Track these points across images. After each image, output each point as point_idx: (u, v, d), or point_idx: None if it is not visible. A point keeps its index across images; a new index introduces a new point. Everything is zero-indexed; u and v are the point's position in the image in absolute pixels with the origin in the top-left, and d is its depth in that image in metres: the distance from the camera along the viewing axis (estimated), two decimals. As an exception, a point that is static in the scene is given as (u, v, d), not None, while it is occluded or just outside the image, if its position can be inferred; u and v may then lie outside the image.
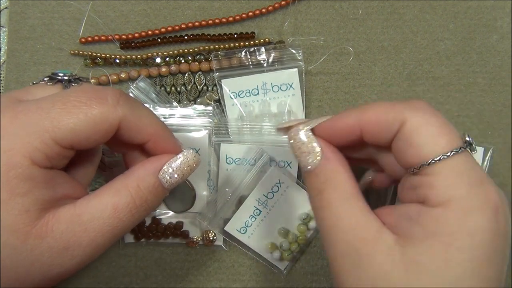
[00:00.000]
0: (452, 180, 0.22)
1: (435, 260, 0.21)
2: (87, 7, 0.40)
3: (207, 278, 0.40)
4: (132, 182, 0.26)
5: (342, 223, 0.24)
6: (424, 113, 0.23)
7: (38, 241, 0.23)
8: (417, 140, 0.23)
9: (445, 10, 0.42)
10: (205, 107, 0.39)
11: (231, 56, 0.40)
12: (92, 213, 0.24)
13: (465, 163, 0.22)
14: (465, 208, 0.21)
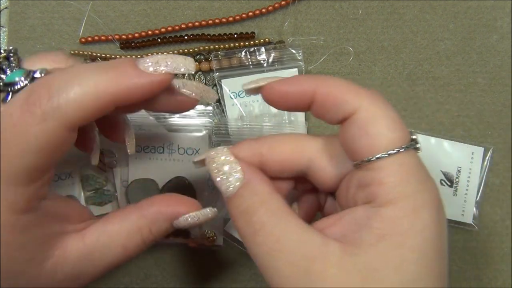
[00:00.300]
0: (400, 177, 0.21)
1: (390, 263, 0.20)
2: (87, 7, 0.40)
3: (207, 278, 0.40)
4: (145, 226, 0.25)
5: (282, 244, 0.21)
6: (382, 104, 0.22)
7: (49, 280, 0.23)
8: (373, 130, 0.22)
9: (445, 10, 0.42)
10: (205, 107, 0.39)
11: (231, 56, 0.40)
12: (102, 252, 0.24)
13: (414, 160, 0.22)
14: (414, 206, 0.21)
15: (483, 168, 0.41)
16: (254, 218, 0.22)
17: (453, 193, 0.40)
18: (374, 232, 0.21)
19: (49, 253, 0.23)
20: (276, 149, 0.25)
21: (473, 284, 0.41)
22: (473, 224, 0.40)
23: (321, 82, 0.23)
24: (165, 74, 0.22)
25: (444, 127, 0.41)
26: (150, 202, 0.26)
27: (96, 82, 0.21)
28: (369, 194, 0.22)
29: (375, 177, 0.22)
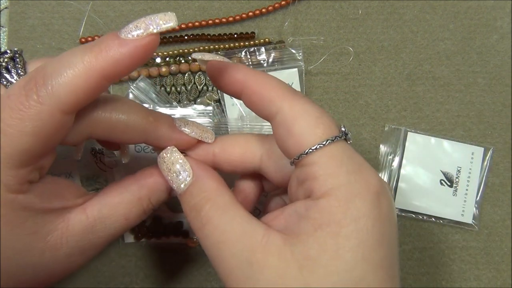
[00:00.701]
0: (332, 169, 0.22)
1: (326, 252, 0.21)
2: (87, 7, 0.40)
3: (207, 278, 0.40)
4: (144, 196, 0.26)
5: (227, 236, 0.22)
6: (303, 103, 0.23)
7: (55, 253, 0.23)
8: (296, 129, 0.23)
9: (445, 10, 0.42)
10: (205, 107, 0.39)
11: (231, 56, 0.40)
12: (105, 224, 0.25)
13: (343, 151, 0.22)
14: (347, 196, 0.21)
15: (483, 168, 0.41)
16: (202, 213, 0.24)
17: (453, 193, 0.40)
18: (311, 222, 0.21)
19: (52, 227, 0.23)
20: (227, 149, 0.27)
21: (473, 284, 0.41)
22: (473, 224, 0.40)
23: (250, 77, 0.24)
24: (147, 36, 0.22)
25: (444, 127, 0.41)
26: (149, 173, 0.27)
27: (83, 62, 0.21)
28: (307, 189, 0.23)
29: (309, 172, 0.22)
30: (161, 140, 0.26)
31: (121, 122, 0.24)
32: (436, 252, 0.41)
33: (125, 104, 0.25)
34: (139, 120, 0.25)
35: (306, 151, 0.22)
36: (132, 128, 0.25)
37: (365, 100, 0.41)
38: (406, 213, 0.40)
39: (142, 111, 0.25)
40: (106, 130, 0.24)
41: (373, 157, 0.41)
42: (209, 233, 0.23)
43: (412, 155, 0.41)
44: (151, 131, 0.25)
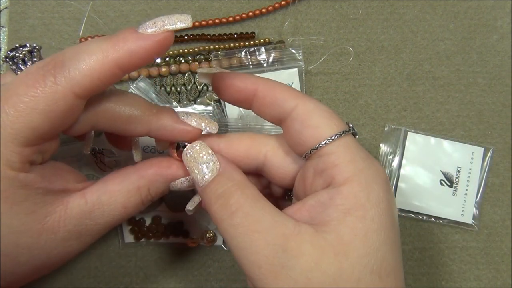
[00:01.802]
0: (350, 156, 0.24)
1: (357, 236, 0.22)
2: (87, 7, 0.40)
3: (207, 278, 0.40)
4: (143, 186, 0.26)
5: (260, 224, 0.23)
6: (315, 101, 0.25)
7: (52, 236, 0.24)
8: (313, 122, 0.24)
9: (445, 10, 0.42)
10: (205, 107, 0.39)
11: (231, 56, 0.40)
12: (103, 211, 0.25)
13: (355, 142, 0.25)
14: (367, 180, 0.23)
15: (483, 168, 0.41)
16: (231, 200, 0.23)
17: (453, 193, 0.40)
18: (339, 208, 0.23)
19: (50, 209, 0.24)
20: (233, 145, 0.28)
21: (473, 284, 0.41)
22: (473, 224, 0.40)
23: (263, 81, 0.26)
24: (162, 32, 0.23)
25: (444, 127, 0.41)
26: (149, 164, 0.27)
27: (101, 50, 0.22)
28: (327, 177, 0.24)
29: (328, 161, 0.24)
30: (164, 131, 0.26)
31: (124, 112, 0.25)
32: (436, 252, 0.41)
33: (129, 96, 0.26)
34: (142, 111, 0.26)
35: (325, 141, 0.24)
36: (135, 119, 0.25)
37: (365, 100, 0.41)
38: (406, 213, 0.40)
39: (145, 103, 0.26)
40: (110, 121, 0.25)
41: (373, 157, 0.41)
42: (240, 221, 0.23)
43: (412, 155, 0.41)
44: (154, 122, 0.26)
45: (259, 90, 0.26)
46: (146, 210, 0.39)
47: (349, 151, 0.24)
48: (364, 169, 0.23)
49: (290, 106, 0.25)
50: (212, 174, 0.25)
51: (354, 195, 0.23)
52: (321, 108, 0.25)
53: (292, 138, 0.25)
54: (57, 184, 0.25)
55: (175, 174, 0.27)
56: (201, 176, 0.25)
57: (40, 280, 0.39)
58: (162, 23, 0.23)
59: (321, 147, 0.24)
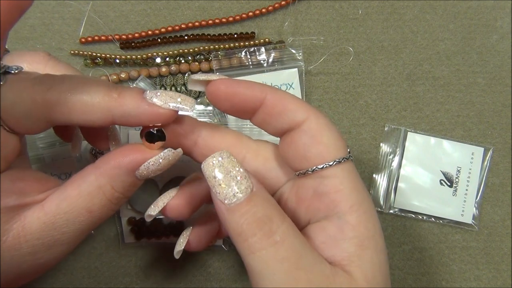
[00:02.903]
0: (353, 183, 0.23)
1: (375, 269, 0.22)
2: (87, 7, 0.40)
3: (207, 278, 0.40)
4: (106, 184, 0.23)
5: (304, 261, 0.21)
6: (326, 117, 0.24)
7: (15, 252, 0.22)
8: (324, 139, 0.23)
9: (445, 10, 0.42)
10: (205, 107, 0.39)
11: (231, 56, 0.40)
12: (66, 219, 0.23)
13: (354, 168, 0.24)
14: (369, 209, 0.23)
15: (483, 168, 0.41)
16: (273, 227, 0.21)
17: (453, 193, 0.40)
18: (354, 242, 0.22)
19: (6, 227, 0.22)
20: (215, 138, 0.26)
21: (473, 284, 0.41)
22: (473, 224, 0.40)
23: (271, 89, 0.24)
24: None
25: (444, 127, 0.41)
26: (106, 159, 0.24)
27: None
28: (329, 202, 0.23)
29: (331, 184, 0.23)
30: (129, 118, 0.23)
31: (79, 102, 0.22)
32: (436, 252, 0.41)
33: (83, 81, 0.23)
34: (99, 98, 0.22)
35: (333, 162, 0.23)
36: (92, 108, 0.22)
37: (365, 100, 0.41)
38: (406, 213, 0.40)
39: (102, 87, 0.23)
40: (65, 113, 0.22)
41: (373, 157, 0.41)
42: (286, 255, 0.20)
43: (412, 155, 0.41)
44: (115, 108, 0.23)
45: (268, 99, 0.24)
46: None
47: (352, 178, 0.23)
48: (365, 198, 0.23)
49: (301, 117, 0.24)
50: (246, 193, 0.21)
51: (364, 227, 0.22)
52: (332, 127, 0.24)
53: (296, 151, 0.24)
54: (12, 200, 0.23)
55: (136, 160, 0.23)
56: (232, 193, 0.21)
57: (40, 280, 0.39)
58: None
59: (327, 167, 0.23)
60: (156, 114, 0.23)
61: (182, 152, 0.25)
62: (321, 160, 0.23)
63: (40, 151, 0.37)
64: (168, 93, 0.23)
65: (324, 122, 0.24)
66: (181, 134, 0.25)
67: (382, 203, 0.40)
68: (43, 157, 0.37)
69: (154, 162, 0.23)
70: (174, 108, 0.23)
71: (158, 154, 0.24)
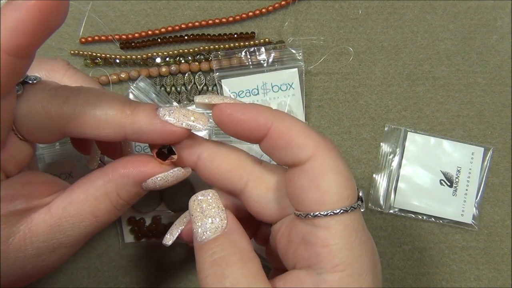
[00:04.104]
0: (346, 240, 0.21)
1: None
2: (87, 7, 0.40)
3: (207, 278, 0.40)
4: (112, 191, 0.24)
5: None
6: (335, 156, 0.22)
7: (21, 254, 0.22)
8: (323, 185, 0.21)
9: (445, 10, 0.42)
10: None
11: (231, 56, 0.40)
12: (72, 222, 0.23)
13: (358, 220, 0.22)
14: (360, 271, 0.21)
15: (483, 168, 0.41)
16: (227, 272, 0.21)
17: (453, 193, 0.40)
18: None
19: (14, 229, 0.22)
20: (215, 160, 0.25)
21: (473, 284, 0.41)
22: (473, 224, 0.40)
23: (278, 118, 0.22)
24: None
25: (444, 127, 0.41)
26: (115, 166, 0.24)
27: None
28: (313, 254, 0.21)
29: (320, 236, 0.21)
30: (142, 135, 0.23)
31: (93, 117, 0.22)
32: (436, 252, 0.41)
33: (98, 96, 0.23)
34: (113, 114, 0.22)
35: (327, 213, 0.21)
36: (105, 123, 0.23)
37: (365, 100, 0.41)
38: (406, 213, 0.40)
39: (117, 103, 0.23)
40: (79, 127, 0.23)
41: (373, 157, 0.41)
42: None
43: (412, 155, 0.41)
44: (128, 125, 0.23)
45: (273, 130, 0.22)
46: (146, 210, 0.39)
47: (348, 232, 0.21)
48: (360, 257, 0.21)
49: (305, 155, 0.22)
50: (215, 232, 0.22)
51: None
52: (340, 171, 0.21)
53: (294, 191, 0.22)
54: (20, 203, 0.23)
55: (145, 173, 0.24)
56: (202, 230, 0.22)
57: (40, 280, 0.39)
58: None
59: (319, 216, 0.21)
60: (169, 132, 0.23)
61: (191, 171, 0.25)
62: (316, 208, 0.21)
63: (40, 151, 0.37)
64: (181, 111, 0.23)
65: (331, 164, 0.21)
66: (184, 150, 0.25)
67: (382, 203, 0.40)
68: (43, 157, 0.37)
69: (162, 178, 0.24)
70: (187, 126, 0.23)
71: (168, 171, 0.24)
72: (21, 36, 0.19)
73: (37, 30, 0.19)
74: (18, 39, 0.19)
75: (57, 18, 0.20)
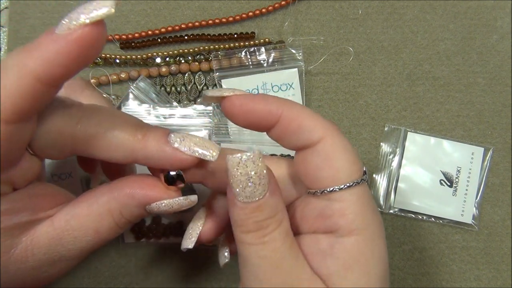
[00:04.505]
0: (360, 208, 0.23)
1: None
2: (87, 7, 0.40)
3: (207, 278, 0.40)
4: (115, 209, 0.24)
5: (282, 264, 0.22)
6: (342, 137, 0.24)
7: (22, 265, 0.22)
8: (336, 163, 0.23)
9: (445, 10, 0.42)
10: (205, 107, 0.39)
11: (231, 56, 0.40)
12: (74, 236, 0.23)
13: (367, 192, 0.24)
14: (373, 235, 0.23)
15: (483, 168, 0.41)
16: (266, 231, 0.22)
17: (453, 193, 0.40)
18: (339, 262, 0.22)
19: (16, 241, 0.22)
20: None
21: (473, 284, 0.41)
22: (473, 224, 0.40)
23: (288, 105, 0.24)
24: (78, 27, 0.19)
25: (444, 127, 0.41)
26: (123, 184, 0.24)
27: (16, 63, 0.20)
28: (331, 224, 0.23)
29: (337, 208, 0.23)
30: (152, 160, 0.23)
31: (105, 140, 0.23)
32: (436, 252, 0.41)
33: (111, 118, 0.23)
34: (124, 138, 0.23)
35: (342, 186, 0.23)
36: (117, 147, 0.23)
37: (365, 100, 0.41)
38: (406, 213, 0.40)
39: (129, 127, 0.23)
40: (89, 148, 0.23)
41: (373, 157, 0.41)
42: (269, 254, 0.22)
43: (412, 155, 0.41)
44: (139, 150, 0.23)
45: (284, 116, 0.23)
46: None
47: (361, 202, 0.23)
48: (371, 223, 0.23)
49: (316, 137, 0.23)
50: (259, 197, 0.22)
51: (357, 251, 0.22)
52: (348, 149, 0.23)
53: (307, 170, 0.24)
54: (25, 216, 0.23)
55: (151, 197, 0.24)
56: (246, 195, 0.22)
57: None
58: (76, 15, 0.19)
59: (335, 191, 0.23)
60: (179, 160, 0.23)
61: (197, 200, 0.25)
62: (331, 183, 0.23)
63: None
64: (192, 139, 0.24)
65: (340, 144, 0.23)
66: None
67: (382, 203, 0.40)
68: (43, 157, 0.37)
69: (167, 204, 0.24)
70: (199, 155, 0.23)
71: (173, 198, 0.24)
72: (57, 68, 0.19)
73: (74, 63, 0.19)
74: (53, 70, 0.19)
75: (95, 52, 0.20)
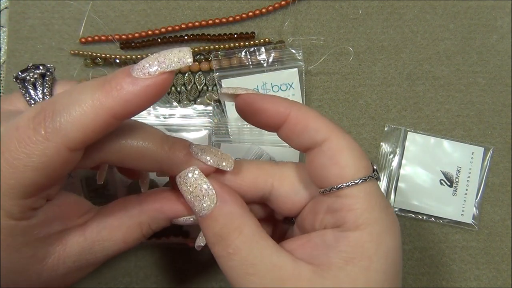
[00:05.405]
0: (368, 204, 0.23)
1: (357, 285, 0.22)
2: (87, 7, 0.40)
3: (207, 278, 0.40)
4: (145, 222, 0.26)
5: (256, 268, 0.22)
6: (347, 136, 0.24)
7: (52, 273, 0.24)
8: (341, 160, 0.23)
9: (445, 10, 0.42)
10: (205, 107, 0.39)
11: (231, 56, 0.40)
12: (103, 246, 0.25)
13: (376, 188, 0.24)
14: (379, 231, 0.23)
15: (483, 168, 0.41)
16: (228, 241, 0.23)
17: (453, 193, 0.40)
18: (341, 255, 0.22)
19: (50, 250, 0.24)
20: (239, 175, 0.26)
21: (473, 284, 0.41)
22: (473, 224, 0.40)
23: (295, 107, 0.25)
24: (159, 75, 0.21)
25: (444, 127, 0.41)
26: (153, 199, 0.26)
27: (93, 100, 0.21)
28: (339, 219, 0.23)
29: (344, 204, 0.23)
30: (176, 170, 0.25)
31: (135, 150, 0.24)
32: (436, 252, 0.41)
33: (141, 131, 0.24)
34: (153, 149, 0.24)
35: (348, 183, 0.23)
36: (146, 157, 0.24)
37: (365, 100, 0.41)
38: (406, 213, 0.40)
39: (157, 139, 0.25)
40: (120, 158, 0.24)
41: (373, 157, 0.41)
42: (238, 264, 0.23)
43: (412, 155, 0.41)
44: (166, 160, 0.25)
45: (291, 116, 0.24)
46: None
47: (369, 198, 0.23)
48: (379, 219, 0.23)
49: (321, 137, 0.24)
50: (209, 209, 0.24)
51: (360, 245, 0.22)
52: (353, 147, 0.24)
53: (315, 170, 0.25)
54: (57, 225, 0.24)
55: (178, 212, 0.26)
56: (198, 209, 0.24)
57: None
58: (158, 63, 0.21)
59: (343, 188, 0.23)
60: (201, 169, 0.25)
61: None
62: (338, 181, 0.23)
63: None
64: (211, 150, 0.26)
65: (345, 142, 0.24)
66: None
67: (382, 203, 0.40)
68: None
69: (194, 220, 0.27)
70: (217, 166, 0.25)
71: None
72: (133, 107, 0.21)
73: (148, 103, 0.21)
74: (129, 109, 0.21)
75: (161, 94, 0.22)
